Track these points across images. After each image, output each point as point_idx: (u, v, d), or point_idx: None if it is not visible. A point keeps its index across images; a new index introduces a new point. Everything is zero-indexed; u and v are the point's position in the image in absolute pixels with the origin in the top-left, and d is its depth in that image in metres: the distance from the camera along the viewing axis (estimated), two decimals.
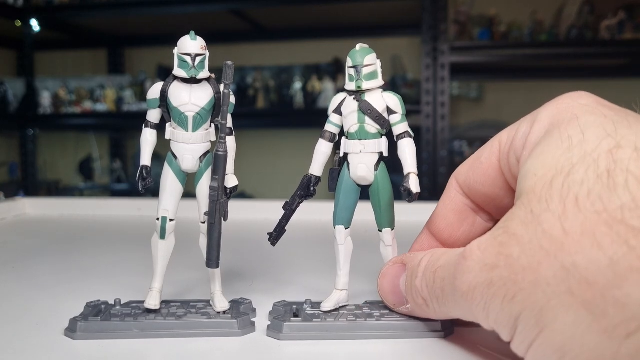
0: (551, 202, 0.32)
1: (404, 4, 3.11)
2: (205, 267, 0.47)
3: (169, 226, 0.48)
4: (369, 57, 0.47)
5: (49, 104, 3.54)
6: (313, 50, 3.67)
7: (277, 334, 0.44)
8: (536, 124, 0.38)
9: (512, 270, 0.33)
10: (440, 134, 2.95)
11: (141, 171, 0.48)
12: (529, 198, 0.34)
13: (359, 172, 0.48)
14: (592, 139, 0.33)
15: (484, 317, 0.35)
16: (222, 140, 0.46)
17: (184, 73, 0.46)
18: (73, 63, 4.02)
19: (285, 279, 0.63)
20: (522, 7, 3.19)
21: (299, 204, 0.50)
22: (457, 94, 3.46)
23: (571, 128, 0.35)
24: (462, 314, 0.39)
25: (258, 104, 3.45)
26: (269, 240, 0.51)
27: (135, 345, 0.43)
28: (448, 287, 0.38)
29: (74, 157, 3.88)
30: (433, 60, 2.96)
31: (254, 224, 0.92)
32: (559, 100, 0.39)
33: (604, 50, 3.03)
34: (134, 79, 3.64)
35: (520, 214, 0.34)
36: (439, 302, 0.40)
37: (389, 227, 0.49)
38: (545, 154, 0.35)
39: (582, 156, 0.33)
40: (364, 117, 0.47)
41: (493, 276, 0.34)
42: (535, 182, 0.34)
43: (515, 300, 0.32)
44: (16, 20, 3.44)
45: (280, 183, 3.76)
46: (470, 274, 0.35)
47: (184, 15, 3.36)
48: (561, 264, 0.30)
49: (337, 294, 0.48)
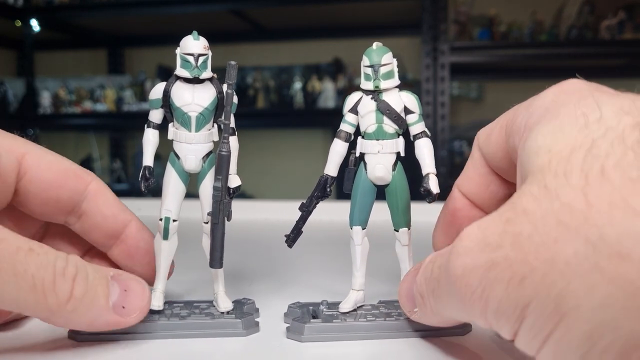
0: (570, 176, 0.28)
1: (404, 4, 3.11)
2: (207, 267, 0.47)
3: (172, 226, 0.47)
4: (386, 56, 0.47)
5: (49, 104, 3.54)
6: (313, 50, 3.67)
7: (299, 336, 0.44)
8: (538, 107, 0.36)
9: (521, 250, 0.28)
10: (440, 134, 2.95)
11: (144, 171, 0.48)
12: (542, 173, 0.30)
13: (377, 172, 0.47)
14: (611, 115, 0.30)
15: (481, 308, 0.31)
16: (225, 141, 0.46)
17: (186, 73, 0.46)
18: (73, 63, 4.02)
19: (288, 279, 0.63)
20: (522, 7, 3.19)
21: (316, 204, 0.50)
22: (457, 94, 3.46)
23: (584, 106, 0.32)
24: (455, 310, 0.34)
25: (258, 104, 3.46)
26: (286, 242, 0.51)
27: (139, 346, 0.43)
28: (443, 275, 0.34)
29: (74, 157, 3.86)
30: (433, 60, 2.96)
31: (253, 224, 0.92)
32: (559, 84, 0.37)
33: (604, 50, 3.04)
34: (134, 79, 3.64)
35: (530, 189, 0.30)
36: (435, 295, 0.36)
37: (406, 227, 0.48)
38: (557, 132, 0.32)
39: (604, 132, 0.29)
40: (382, 117, 0.47)
41: (496, 256, 0.29)
42: (550, 159, 0.30)
43: (524, 283, 0.28)
44: (16, 20, 3.44)
45: (280, 183, 3.75)
46: (466, 256, 0.31)
47: (184, 15, 3.36)
48: (585, 238, 0.26)
49: (355, 294, 0.47)
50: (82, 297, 0.39)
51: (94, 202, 0.48)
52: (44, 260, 0.37)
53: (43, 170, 0.45)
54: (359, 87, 0.48)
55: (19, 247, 0.36)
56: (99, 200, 0.48)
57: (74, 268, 0.39)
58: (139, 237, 0.50)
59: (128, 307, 0.42)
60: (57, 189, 0.46)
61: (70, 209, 0.47)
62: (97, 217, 0.48)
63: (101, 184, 0.49)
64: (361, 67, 0.47)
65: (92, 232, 0.49)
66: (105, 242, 0.49)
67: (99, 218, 0.48)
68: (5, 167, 0.43)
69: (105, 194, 0.49)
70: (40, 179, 0.45)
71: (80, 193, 0.47)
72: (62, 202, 0.47)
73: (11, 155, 0.44)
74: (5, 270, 0.35)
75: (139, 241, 0.49)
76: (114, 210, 0.49)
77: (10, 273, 0.35)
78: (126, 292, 0.42)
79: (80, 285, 0.39)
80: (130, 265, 0.50)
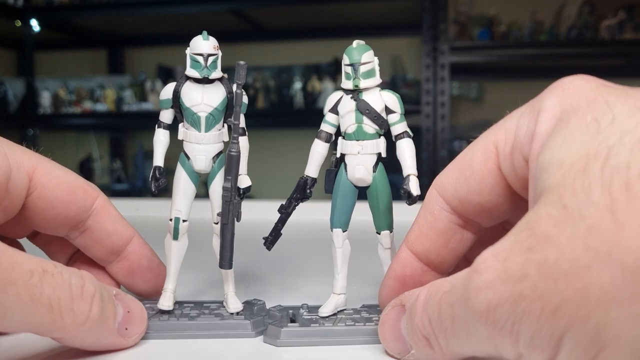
0: (591, 192, 0.26)
1: (404, 4, 3.11)
2: (217, 268, 0.47)
3: (182, 227, 0.48)
4: (367, 55, 0.46)
5: (49, 104, 3.53)
6: (313, 50, 3.67)
7: (274, 340, 0.43)
8: (543, 114, 0.33)
9: (550, 278, 0.26)
10: (440, 134, 2.95)
11: (154, 172, 0.48)
12: (558, 193, 0.28)
13: (356, 173, 0.47)
14: (624, 117, 0.28)
15: (512, 342, 0.29)
16: (234, 141, 0.46)
17: (196, 73, 0.46)
18: (73, 63, 4.02)
19: (280, 282, 0.63)
20: (522, 7, 3.19)
21: (295, 206, 0.50)
22: (457, 94, 3.46)
23: (594, 110, 0.30)
24: (477, 347, 0.32)
25: (258, 104, 3.45)
26: (265, 244, 0.50)
27: (148, 346, 0.43)
28: (459, 313, 0.32)
29: (74, 157, 3.87)
30: (433, 60, 2.96)
31: (253, 224, 0.91)
32: (561, 85, 0.34)
33: (604, 50, 3.03)
34: (133, 79, 3.64)
35: (548, 211, 0.28)
36: (447, 336, 0.34)
37: (388, 230, 0.47)
38: (568, 142, 0.29)
39: (620, 136, 0.27)
40: (362, 117, 0.46)
41: (522, 288, 0.27)
42: (563, 174, 0.28)
43: (557, 314, 0.26)
44: (16, 20, 3.43)
45: (280, 183, 3.74)
46: (488, 290, 0.29)
47: (184, 15, 3.36)
48: (620, 263, 0.25)
49: (335, 298, 0.47)
50: (99, 317, 0.38)
51: (100, 219, 0.47)
52: (59, 281, 0.36)
53: (53, 187, 0.45)
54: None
55: (32, 271, 0.35)
56: (104, 216, 0.48)
57: (92, 286, 0.38)
58: (141, 254, 0.49)
59: (130, 329, 0.42)
60: (66, 205, 0.45)
61: (75, 224, 0.47)
62: (101, 233, 0.48)
63: (105, 199, 0.48)
64: (342, 66, 0.47)
65: (94, 248, 0.48)
66: (106, 257, 0.49)
67: (102, 234, 0.48)
68: (16, 182, 0.42)
69: (109, 211, 0.48)
70: (50, 196, 0.45)
71: (87, 210, 0.47)
72: (69, 218, 0.46)
73: (22, 170, 0.43)
74: (21, 297, 0.34)
75: (141, 258, 0.49)
76: (117, 226, 0.48)
77: (27, 299, 0.34)
78: (129, 314, 0.42)
79: (97, 304, 0.38)
80: (130, 282, 0.50)
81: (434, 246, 0.42)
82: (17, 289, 0.34)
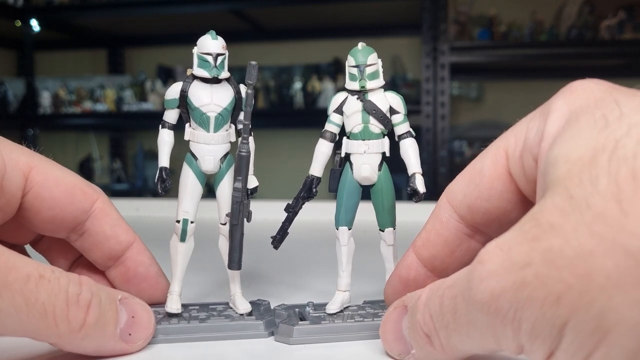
0: (598, 183, 0.26)
1: (404, 4, 3.11)
2: (219, 269, 0.47)
3: (189, 228, 0.47)
4: (372, 57, 0.47)
5: (49, 104, 3.53)
6: (313, 50, 3.67)
7: (287, 339, 0.44)
8: (552, 115, 0.33)
9: (554, 265, 0.26)
10: (440, 134, 2.95)
11: (160, 173, 0.47)
12: (564, 184, 0.28)
13: (362, 172, 0.47)
14: (632, 112, 0.29)
15: (514, 331, 0.28)
16: (245, 141, 0.46)
17: (205, 73, 0.46)
18: (73, 63, 4.01)
19: (280, 280, 0.63)
20: (522, 7, 3.19)
21: (302, 205, 0.50)
22: (457, 94, 3.46)
23: (602, 108, 0.30)
24: (478, 341, 0.32)
25: (258, 104, 3.45)
26: (272, 243, 0.51)
27: (158, 350, 0.43)
28: (462, 305, 0.32)
29: (74, 157, 3.86)
30: (433, 60, 2.96)
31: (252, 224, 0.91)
32: (571, 88, 0.34)
33: (604, 50, 3.04)
34: (133, 79, 3.63)
35: (555, 202, 0.28)
36: (448, 330, 0.33)
37: (392, 227, 0.49)
38: (576, 137, 0.29)
39: (627, 130, 0.28)
40: (368, 117, 0.47)
41: (525, 275, 0.27)
42: (570, 167, 0.28)
43: (560, 302, 0.26)
44: (16, 20, 3.43)
45: (280, 183, 3.75)
46: (491, 279, 0.29)
47: (184, 15, 3.35)
48: (624, 249, 0.24)
49: (341, 295, 0.48)
50: (95, 324, 0.38)
51: (98, 222, 0.46)
52: (55, 287, 0.36)
53: (50, 187, 0.44)
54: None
55: (29, 275, 0.35)
56: (103, 219, 0.46)
57: (89, 293, 0.38)
58: (139, 261, 0.48)
59: (134, 335, 0.41)
60: (64, 206, 0.44)
61: (74, 226, 0.46)
62: (99, 236, 0.46)
63: (106, 202, 0.47)
64: (346, 68, 0.47)
65: (93, 251, 0.47)
66: (105, 262, 0.48)
67: (100, 238, 0.47)
68: (11, 181, 0.41)
69: (109, 214, 0.47)
70: (47, 196, 0.44)
71: (86, 211, 0.46)
72: (67, 219, 0.45)
73: (17, 169, 0.42)
74: (16, 301, 0.34)
75: (138, 266, 0.48)
76: (116, 230, 0.47)
77: (22, 304, 0.34)
78: (133, 319, 0.41)
79: (94, 312, 0.38)
80: (125, 290, 0.48)
81: (439, 253, 0.43)
82: (12, 293, 0.34)
